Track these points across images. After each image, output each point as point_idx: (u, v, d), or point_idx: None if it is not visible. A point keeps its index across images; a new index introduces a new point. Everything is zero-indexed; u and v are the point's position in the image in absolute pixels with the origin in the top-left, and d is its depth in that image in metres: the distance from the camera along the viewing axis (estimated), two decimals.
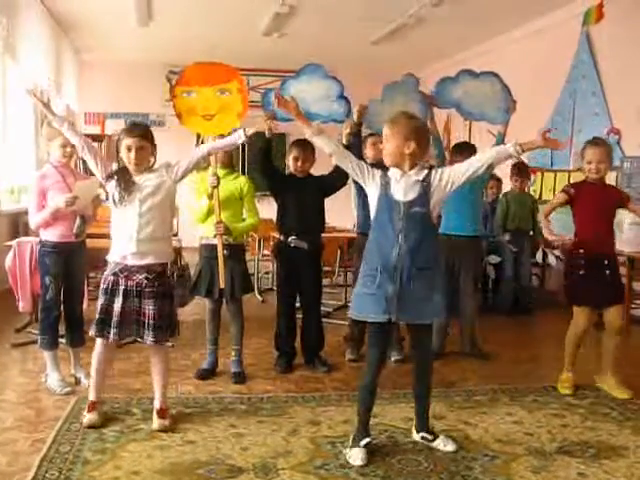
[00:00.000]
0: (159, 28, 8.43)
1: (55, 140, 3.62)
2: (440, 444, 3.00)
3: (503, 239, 6.14)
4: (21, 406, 3.44)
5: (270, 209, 4.62)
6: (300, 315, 4.29)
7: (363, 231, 4.32)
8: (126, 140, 3.09)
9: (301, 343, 4.29)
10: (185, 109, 3.65)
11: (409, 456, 2.92)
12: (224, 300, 3.98)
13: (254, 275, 6.24)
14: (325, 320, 4.69)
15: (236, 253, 3.93)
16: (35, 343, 3.99)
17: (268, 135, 3.94)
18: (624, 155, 6.30)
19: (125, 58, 10.27)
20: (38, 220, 3.65)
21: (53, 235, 3.66)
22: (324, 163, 3.76)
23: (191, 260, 4.22)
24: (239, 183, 3.94)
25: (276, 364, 4.20)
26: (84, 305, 4.07)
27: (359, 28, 8.17)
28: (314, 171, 4.18)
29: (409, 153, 2.84)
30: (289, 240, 4.09)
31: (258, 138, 3.66)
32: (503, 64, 6.42)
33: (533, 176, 7.36)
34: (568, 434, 3.21)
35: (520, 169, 6.18)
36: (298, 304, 4.29)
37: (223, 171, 3.86)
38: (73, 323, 3.82)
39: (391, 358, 4.28)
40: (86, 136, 3.36)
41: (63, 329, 3.84)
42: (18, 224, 6.35)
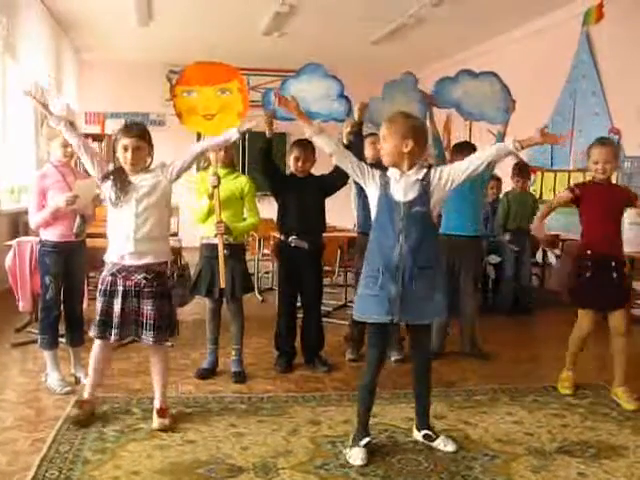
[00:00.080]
0: (159, 28, 8.43)
1: (56, 140, 3.62)
2: (440, 444, 3.00)
3: (504, 239, 6.14)
4: (21, 406, 3.44)
5: (270, 209, 4.62)
6: (300, 315, 4.29)
7: (363, 231, 4.32)
8: (123, 140, 3.08)
9: (301, 343, 4.29)
10: (185, 109, 3.65)
11: (409, 456, 2.92)
12: (224, 300, 3.98)
13: (254, 275, 6.24)
14: (325, 320, 4.69)
15: (236, 253, 3.93)
16: (35, 343, 4.00)
17: (268, 135, 3.94)
18: (624, 155, 6.30)
19: (125, 58, 10.27)
20: (38, 219, 3.65)
21: (53, 235, 3.66)
22: (325, 163, 3.76)
23: (191, 260, 4.21)
24: (240, 183, 3.94)
25: (276, 364, 4.20)
26: (84, 305, 4.07)
27: (359, 28, 8.17)
28: (315, 171, 4.18)
29: (407, 152, 2.84)
30: (290, 240, 4.09)
31: (258, 138, 3.66)
32: (503, 64, 6.42)
33: (533, 176, 7.36)
34: (568, 434, 3.21)
35: (521, 169, 6.18)
36: (299, 304, 4.29)
37: (224, 171, 3.86)
38: (73, 323, 3.82)
39: (391, 358, 4.28)
40: (86, 136, 3.37)
41: (63, 329, 3.84)
42: (18, 224, 6.35)
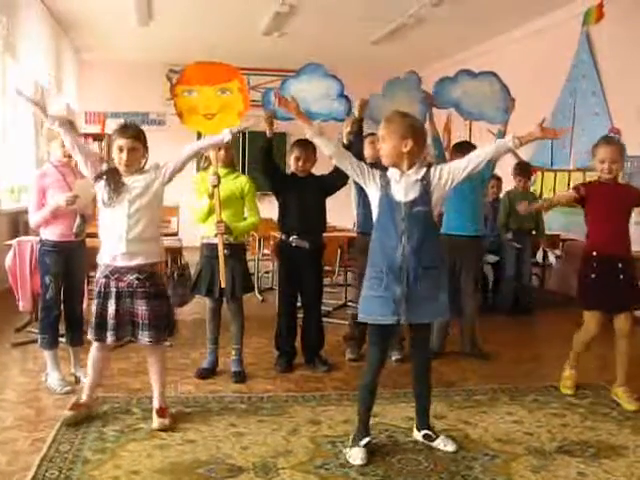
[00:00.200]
0: (159, 27, 8.43)
1: (55, 140, 3.61)
2: (440, 444, 2.99)
3: (506, 238, 6.14)
4: (21, 405, 3.44)
5: (270, 208, 4.62)
6: (300, 314, 4.29)
7: (363, 231, 4.32)
8: (118, 141, 3.08)
9: (301, 342, 4.29)
10: (186, 108, 3.65)
11: (409, 455, 2.92)
12: (224, 299, 3.98)
13: (254, 274, 6.24)
14: (325, 319, 4.69)
15: (237, 252, 3.93)
16: (35, 342, 4.00)
17: (269, 134, 3.95)
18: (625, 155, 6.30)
19: (125, 57, 10.27)
20: (38, 219, 3.65)
21: (53, 234, 3.66)
22: (325, 163, 3.76)
23: (191, 259, 4.22)
24: (240, 182, 3.94)
25: (276, 363, 4.20)
26: (84, 304, 4.07)
27: (359, 28, 8.17)
28: (315, 171, 4.18)
29: (407, 152, 2.83)
30: (290, 239, 4.09)
31: (259, 137, 3.67)
32: (503, 64, 6.43)
33: (533, 176, 7.35)
34: (568, 434, 3.21)
35: (522, 168, 6.16)
36: (299, 303, 4.29)
37: (224, 170, 3.86)
38: (73, 322, 3.82)
39: (391, 358, 4.28)
40: (86, 135, 3.37)
41: (63, 328, 3.84)
42: (18, 223, 6.35)
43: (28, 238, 4.59)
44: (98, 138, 9.15)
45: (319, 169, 4.13)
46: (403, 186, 2.85)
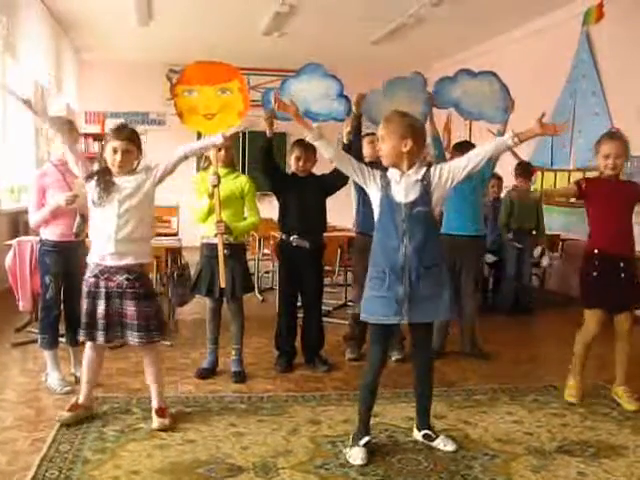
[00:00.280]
0: (159, 27, 8.43)
1: (57, 139, 3.62)
2: (440, 444, 2.99)
3: (508, 237, 6.13)
4: (21, 405, 3.44)
5: (270, 208, 4.62)
6: (301, 314, 4.29)
7: (362, 231, 4.33)
8: (113, 142, 3.07)
9: (301, 342, 4.29)
10: (186, 108, 3.65)
11: (409, 455, 2.92)
12: (224, 299, 3.98)
13: (254, 274, 6.25)
14: (325, 319, 4.68)
15: (237, 252, 3.93)
16: (35, 342, 4.00)
17: (269, 134, 3.95)
18: None
19: (125, 57, 10.27)
20: (37, 218, 3.65)
21: (53, 234, 3.66)
22: (325, 162, 3.75)
23: (191, 259, 4.22)
24: (240, 182, 3.94)
25: (276, 363, 4.20)
26: None
27: (359, 28, 8.17)
28: (315, 170, 4.18)
29: (406, 152, 2.83)
30: (291, 239, 4.09)
31: (259, 137, 3.66)
32: (503, 64, 6.43)
33: (534, 176, 7.35)
34: (568, 433, 3.21)
35: (524, 169, 6.16)
36: (299, 303, 4.29)
37: (224, 170, 3.86)
38: (73, 322, 3.80)
39: (392, 357, 4.28)
40: (86, 135, 3.38)
41: (63, 328, 3.84)
42: (18, 223, 6.35)
43: (28, 238, 4.59)
44: (98, 138, 9.16)
45: (319, 169, 4.13)
46: (403, 187, 2.85)
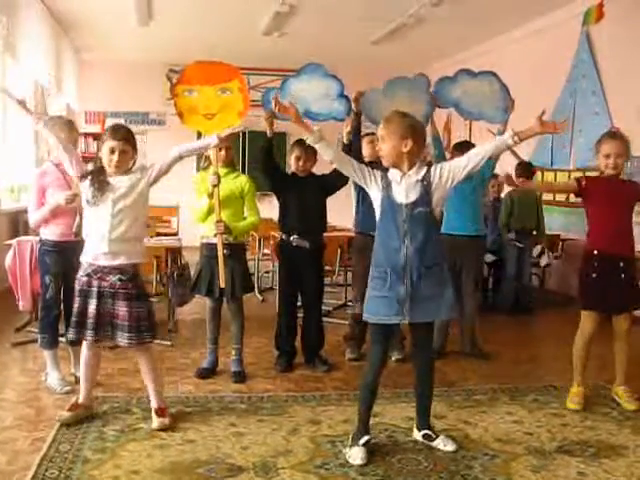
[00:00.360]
0: (159, 27, 8.43)
1: (50, 139, 3.61)
2: (440, 444, 2.99)
3: (508, 238, 6.12)
4: (21, 405, 3.44)
5: (270, 208, 4.61)
6: (301, 314, 4.29)
7: (361, 230, 4.33)
8: (110, 142, 3.07)
9: (301, 342, 4.28)
10: (186, 108, 3.65)
11: (409, 455, 2.92)
12: (224, 299, 3.98)
13: (254, 274, 6.24)
14: (325, 319, 4.68)
15: (237, 252, 3.93)
16: (35, 342, 4.00)
17: (269, 134, 3.94)
18: None
19: (125, 57, 10.27)
20: (37, 217, 3.65)
21: (53, 234, 3.66)
22: (325, 162, 3.75)
23: (191, 259, 4.22)
24: (239, 182, 3.94)
25: (276, 363, 4.20)
26: None
27: (359, 28, 8.17)
28: (316, 170, 4.18)
29: (407, 152, 2.83)
30: (291, 239, 4.09)
31: (259, 137, 3.66)
32: (503, 64, 6.43)
33: (534, 176, 7.35)
34: (568, 433, 3.21)
35: (524, 169, 6.15)
36: (299, 303, 4.29)
37: (224, 170, 3.86)
38: None
39: (392, 357, 4.28)
40: (86, 135, 3.38)
41: (63, 328, 3.83)
42: (18, 223, 6.35)
43: (28, 238, 4.59)
44: (98, 138, 9.15)
45: (319, 169, 4.13)
46: (404, 187, 2.85)
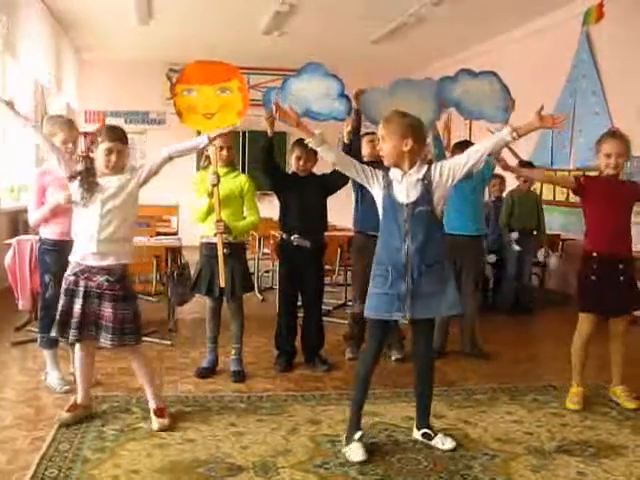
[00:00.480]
0: (159, 27, 8.44)
1: (56, 137, 3.61)
2: (438, 442, 2.99)
3: (509, 238, 6.12)
4: (21, 404, 3.44)
5: (270, 208, 4.61)
6: (301, 314, 4.29)
7: (361, 229, 4.33)
8: (107, 143, 3.05)
9: (301, 342, 4.28)
10: (186, 107, 3.65)
11: (409, 455, 2.92)
12: (224, 299, 3.98)
13: (254, 274, 6.24)
14: (325, 319, 4.68)
15: (237, 252, 3.93)
16: (35, 341, 3.99)
17: (270, 133, 3.94)
18: None
19: (125, 56, 10.27)
20: (37, 217, 3.64)
21: (53, 233, 3.66)
22: (326, 162, 3.76)
23: (191, 259, 4.22)
24: (239, 181, 3.94)
25: (276, 363, 4.20)
26: None
27: (359, 27, 8.18)
28: (316, 170, 4.18)
29: (407, 151, 2.84)
30: (292, 239, 4.09)
31: (259, 137, 3.66)
32: (503, 64, 6.42)
33: None
34: (567, 433, 3.21)
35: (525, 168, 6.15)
36: (299, 303, 4.29)
37: (224, 170, 3.85)
38: None
39: (392, 357, 4.28)
40: (86, 134, 3.37)
41: None
42: (18, 222, 6.35)
43: (28, 237, 4.59)
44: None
45: (320, 169, 4.13)
46: (405, 187, 2.85)
